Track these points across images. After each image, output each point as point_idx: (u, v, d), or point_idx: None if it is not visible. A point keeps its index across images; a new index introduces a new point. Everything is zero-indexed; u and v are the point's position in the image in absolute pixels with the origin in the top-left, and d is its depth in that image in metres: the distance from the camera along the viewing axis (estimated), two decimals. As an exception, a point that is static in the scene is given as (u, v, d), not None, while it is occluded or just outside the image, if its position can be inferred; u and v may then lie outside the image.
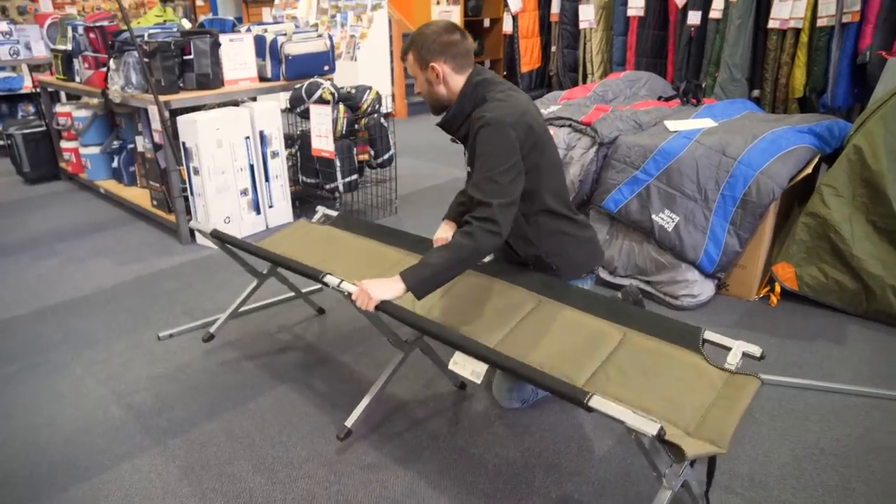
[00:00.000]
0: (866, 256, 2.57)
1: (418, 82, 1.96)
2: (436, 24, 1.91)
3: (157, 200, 3.90)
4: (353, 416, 2.01)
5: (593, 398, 1.31)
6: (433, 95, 1.94)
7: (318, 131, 3.53)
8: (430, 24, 1.91)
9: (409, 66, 1.93)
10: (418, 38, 1.88)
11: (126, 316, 2.83)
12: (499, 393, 2.16)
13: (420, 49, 1.88)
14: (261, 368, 2.40)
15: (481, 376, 1.56)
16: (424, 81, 1.94)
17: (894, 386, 2.21)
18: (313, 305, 2.81)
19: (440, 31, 1.88)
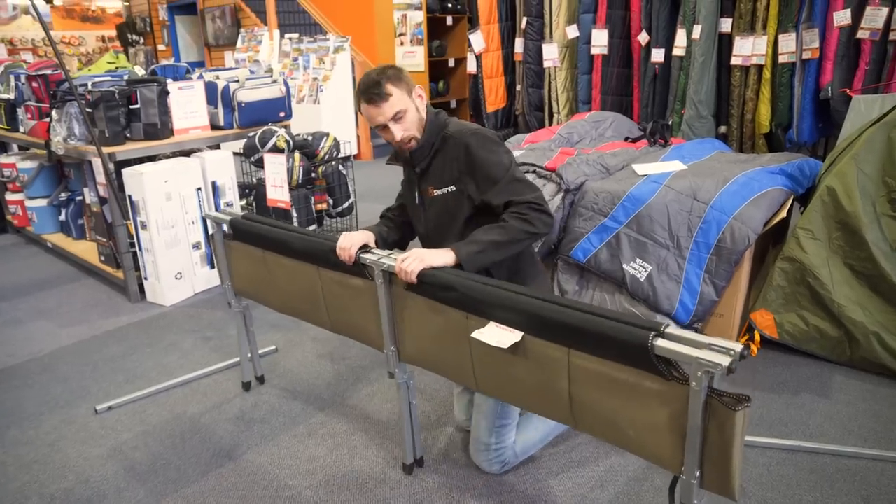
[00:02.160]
0: (847, 302, 2.46)
1: (408, 116, 1.81)
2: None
3: (105, 256, 3.68)
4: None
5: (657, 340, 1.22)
6: (418, 124, 1.84)
7: (272, 181, 3.37)
8: (377, 68, 1.86)
9: (394, 100, 1.77)
10: (390, 70, 1.79)
11: (61, 387, 2.59)
12: (476, 453, 1.98)
13: (401, 76, 1.80)
14: (201, 444, 2.18)
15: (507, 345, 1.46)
16: (415, 110, 1.83)
17: (885, 445, 2.08)
18: (257, 370, 2.59)
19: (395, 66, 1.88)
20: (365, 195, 5.42)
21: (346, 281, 1.90)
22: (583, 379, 1.40)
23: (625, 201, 2.63)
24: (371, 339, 1.94)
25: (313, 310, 2.07)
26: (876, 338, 2.42)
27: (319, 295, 2.01)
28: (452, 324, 1.63)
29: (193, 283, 3.50)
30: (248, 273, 2.25)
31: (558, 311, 1.37)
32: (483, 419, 1.92)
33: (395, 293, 1.78)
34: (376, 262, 1.74)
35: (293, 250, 1.99)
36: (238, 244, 2.22)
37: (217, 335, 2.99)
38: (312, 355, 2.77)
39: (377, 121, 1.78)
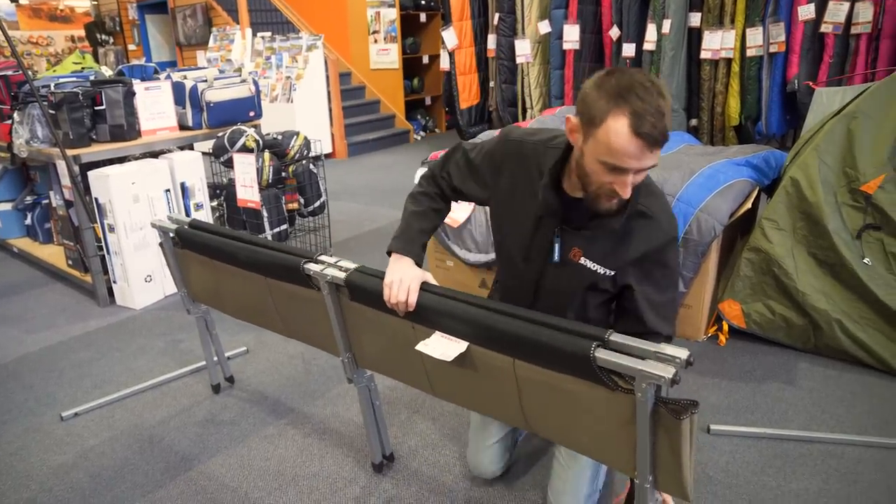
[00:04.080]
0: (810, 290, 2.50)
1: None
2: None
3: (72, 260, 3.62)
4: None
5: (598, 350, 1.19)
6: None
7: (242, 181, 3.34)
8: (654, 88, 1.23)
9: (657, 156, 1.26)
10: (663, 87, 1.25)
11: (26, 394, 2.55)
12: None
13: (669, 110, 1.26)
14: (169, 448, 2.16)
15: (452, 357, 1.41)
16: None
17: (847, 428, 2.12)
18: (224, 372, 2.56)
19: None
20: (339, 194, 5.40)
21: (295, 291, 1.79)
22: (530, 388, 1.37)
23: (592, 195, 2.64)
24: (327, 346, 1.87)
25: (267, 317, 2.01)
26: (838, 325, 2.46)
27: (270, 304, 1.93)
28: (400, 333, 1.57)
29: (164, 286, 3.46)
30: (201, 280, 2.18)
31: (501, 321, 1.32)
32: (572, 476, 1.67)
33: (343, 303, 1.68)
34: (320, 274, 1.63)
35: (239, 261, 1.88)
36: (188, 252, 2.14)
37: (188, 338, 2.96)
38: (283, 356, 2.75)
39: (631, 166, 1.24)
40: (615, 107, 1.20)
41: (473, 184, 1.60)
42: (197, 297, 2.30)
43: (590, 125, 1.25)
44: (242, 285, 1.97)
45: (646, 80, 1.21)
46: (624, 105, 1.19)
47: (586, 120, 1.26)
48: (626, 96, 1.19)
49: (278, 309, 1.93)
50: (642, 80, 1.21)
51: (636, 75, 1.22)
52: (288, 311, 1.90)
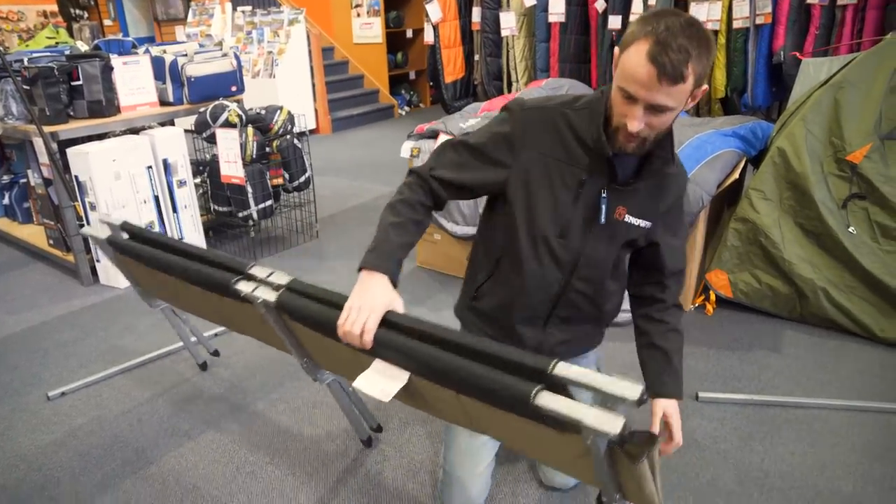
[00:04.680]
0: (796, 260, 2.52)
1: (670, 116, 1.25)
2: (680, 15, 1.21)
3: (54, 239, 3.56)
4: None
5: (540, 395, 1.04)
6: (667, 128, 1.31)
7: (226, 157, 3.29)
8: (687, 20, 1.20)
9: (683, 89, 1.20)
10: (703, 41, 1.18)
11: (11, 375, 2.52)
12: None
13: (709, 56, 1.21)
14: (159, 425, 2.15)
15: (390, 396, 1.24)
16: (679, 108, 1.26)
17: (831, 393, 2.15)
18: (207, 349, 2.55)
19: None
20: (324, 170, 5.34)
21: (239, 305, 1.60)
22: (481, 417, 1.27)
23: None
24: (286, 350, 1.72)
25: (225, 321, 1.89)
26: (824, 293, 2.49)
27: (222, 311, 1.79)
28: (345, 353, 1.42)
29: (148, 264, 3.42)
30: (152, 281, 2.00)
31: (437, 359, 1.18)
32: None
33: (285, 319, 1.52)
34: (251, 296, 1.45)
35: (175, 273, 1.71)
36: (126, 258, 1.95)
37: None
38: (272, 332, 2.74)
39: (640, 95, 1.20)
40: (645, 34, 1.17)
41: (483, 170, 1.42)
42: (152, 295, 2.17)
43: (621, 51, 1.23)
44: (190, 291, 1.80)
45: (689, 24, 1.18)
46: (653, 34, 1.16)
47: (622, 47, 1.23)
48: (658, 27, 1.17)
49: (232, 317, 1.79)
50: (686, 22, 1.18)
51: (684, 16, 1.19)
52: (240, 319, 1.76)
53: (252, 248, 3.65)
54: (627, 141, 1.28)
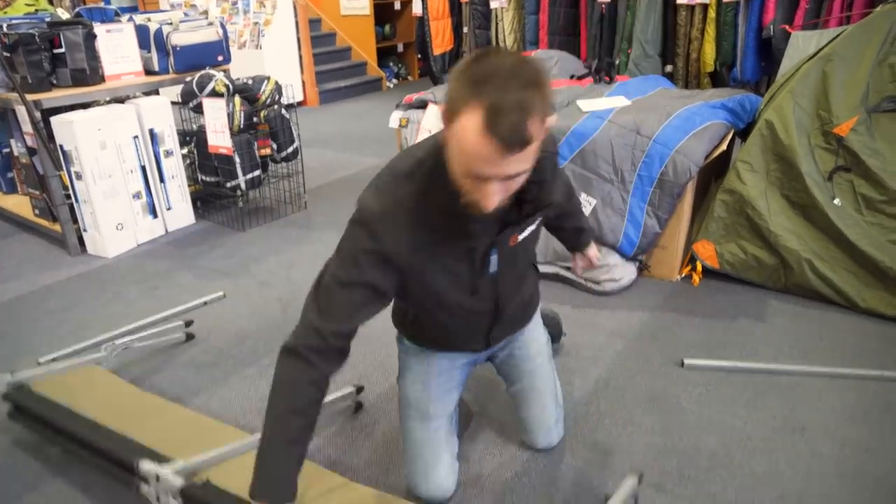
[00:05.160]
0: (782, 231, 2.56)
1: (524, 174, 1.11)
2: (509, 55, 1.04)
3: (39, 209, 3.53)
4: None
5: None
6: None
7: (213, 127, 3.26)
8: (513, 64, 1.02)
9: (531, 151, 1.05)
10: (538, 91, 1.02)
11: (1, 342, 2.51)
12: (548, 434, 1.79)
13: (547, 93, 1.05)
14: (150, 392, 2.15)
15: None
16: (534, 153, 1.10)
17: (813, 360, 2.20)
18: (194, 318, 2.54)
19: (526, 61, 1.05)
20: (312, 142, 5.31)
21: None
22: None
23: (569, 137, 2.64)
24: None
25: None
26: (808, 264, 2.52)
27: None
28: None
29: (136, 234, 3.40)
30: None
31: None
32: (549, 396, 1.77)
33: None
34: (165, 487, 1.43)
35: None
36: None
37: (163, 284, 2.93)
38: (260, 299, 2.74)
39: (489, 173, 1.06)
40: (471, 98, 0.99)
41: (376, 297, 1.26)
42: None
43: (448, 118, 1.04)
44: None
45: (518, 65, 1.00)
46: (480, 97, 0.98)
47: (446, 114, 1.05)
48: (484, 85, 0.98)
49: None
50: (512, 65, 1.00)
51: (507, 58, 1.01)
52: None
53: (240, 219, 3.63)
54: (489, 209, 1.13)
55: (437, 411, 1.61)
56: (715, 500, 1.65)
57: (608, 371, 2.18)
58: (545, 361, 1.76)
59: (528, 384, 1.75)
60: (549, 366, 1.78)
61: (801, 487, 1.68)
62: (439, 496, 1.62)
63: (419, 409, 1.61)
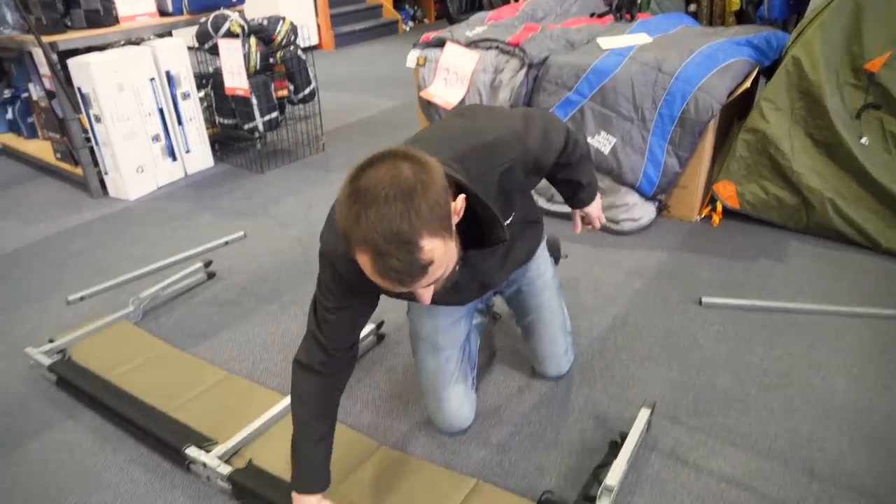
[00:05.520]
0: (805, 170, 2.51)
1: (447, 268, 1.08)
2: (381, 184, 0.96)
3: (61, 153, 3.56)
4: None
5: None
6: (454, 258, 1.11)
7: (229, 68, 3.24)
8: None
9: (436, 263, 1.01)
10: (422, 191, 0.96)
11: (31, 281, 2.58)
12: (557, 363, 1.84)
13: (434, 204, 0.98)
14: (176, 326, 2.21)
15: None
16: (454, 251, 1.09)
17: (832, 300, 2.19)
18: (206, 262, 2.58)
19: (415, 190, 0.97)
20: (328, 85, 5.26)
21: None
22: None
23: (589, 74, 2.59)
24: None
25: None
26: (831, 204, 2.49)
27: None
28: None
29: (156, 177, 3.43)
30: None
31: None
32: (557, 327, 1.80)
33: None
34: (212, 472, 1.57)
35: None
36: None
37: (184, 225, 2.97)
38: (281, 239, 2.78)
39: (403, 293, 1.12)
40: (352, 235, 0.97)
41: (360, 306, 1.32)
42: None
43: (343, 241, 1.01)
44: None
45: (392, 184, 0.94)
46: (360, 236, 0.96)
47: (339, 231, 1.00)
48: (359, 222, 0.94)
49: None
50: (386, 193, 0.94)
51: (379, 175, 0.95)
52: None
53: (258, 161, 3.64)
54: (427, 303, 1.12)
55: (445, 343, 1.64)
56: (729, 431, 1.68)
57: (626, 309, 2.20)
58: (552, 295, 1.78)
59: (537, 317, 1.78)
60: (556, 299, 1.80)
61: (815, 421, 1.70)
62: (456, 426, 1.67)
63: (428, 342, 1.64)
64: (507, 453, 1.64)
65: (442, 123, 1.45)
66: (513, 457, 1.63)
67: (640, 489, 1.52)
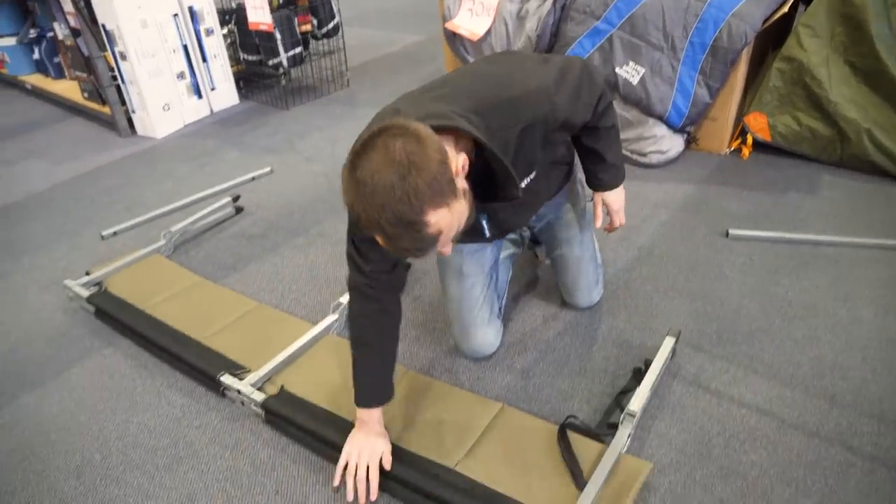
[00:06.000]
0: (842, 100, 2.44)
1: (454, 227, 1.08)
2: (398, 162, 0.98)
3: (88, 92, 3.59)
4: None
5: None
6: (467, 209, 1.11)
7: (252, 3, 3.20)
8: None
9: (444, 232, 1.05)
10: (416, 175, 0.98)
11: (65, 218, 2.65)
12: (588, 293, 1.85)
13: (434, 194, 1.00)
14: (206, 259, 2.27)
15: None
16: (464, 206, 1.09)
17: (862, 233, 2.16)
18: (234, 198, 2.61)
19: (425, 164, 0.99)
20: (352, 20, 5.17)
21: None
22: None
23: (618, 2, 2.51)
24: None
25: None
26: (868, 135, 2.42)
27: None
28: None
29: (183, 115, 3.45)
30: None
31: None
32: (588, 259, 1.80)
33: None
34: (246, 398, 1.62)
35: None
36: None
37: (212, 161, 3.00)
38: (307, 175, 2.80)
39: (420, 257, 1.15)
40: (361, 220, 1.02)
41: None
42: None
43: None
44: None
45: (386, 175, 0.97)
46: (367, 223, 1.02)
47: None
48: (364, 211, 1.00)
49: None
50: (383, 181, 0.97)
51: (377, 173, 0.97)
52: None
53: (283, 98, 3.63)
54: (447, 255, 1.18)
55: (470, 270, 1.66)
56: (752, 360, 1.69)
57: (652, 240, 2.19)
58: (584, 227, 1.78)
59: (567, 251, 1.79)
60: (587, 232, 1.80)
61: (839, 351, 1.70)
62: (481, 352, 1.71)
63: (454, 268, 1.67)
64: (532, 379, 1.68)
65: (470, 68, 1.42)
66: (537, 382, 1.67)
67: (661, 414, 1.55)
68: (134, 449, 1.55)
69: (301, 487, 1.43)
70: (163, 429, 1.60)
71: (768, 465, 1.40)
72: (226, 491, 1.43)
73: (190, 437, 1.57)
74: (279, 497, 1.41)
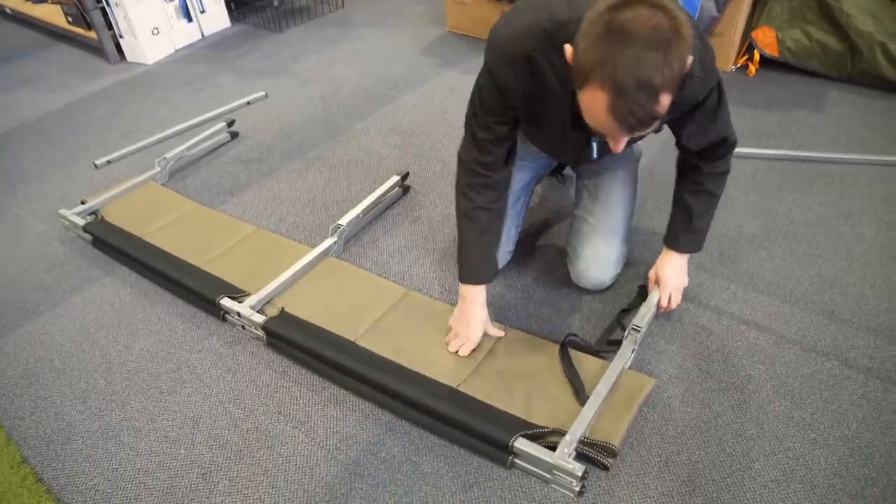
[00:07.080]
0: (856, 12, 2.35)
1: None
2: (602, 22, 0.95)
3: (72, 16, 3.46)
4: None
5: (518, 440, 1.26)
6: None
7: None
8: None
9: (658, 118, 1.01)
10: (675, 39, 0.94)
11: (58, 147, 2.60)
12: (606, 271, 1.62)
13: (681, 56, 0.96)
14: (203, 185, 2.24)
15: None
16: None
17: (869, 150, 2.12)
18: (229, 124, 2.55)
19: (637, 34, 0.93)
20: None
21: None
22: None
23: None
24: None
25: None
26: (881, 48, 2.35)
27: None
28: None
29: (173, 39, 3.34)
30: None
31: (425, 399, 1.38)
32: (613, 235, 1.62)
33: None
34: (247, 321, 1.63)
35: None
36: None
37: (206, 86, 2.93)
38: (302, 98, 2.74)
39: (610, 133, 1.08)
40: (597, 70, 0.95)
41: (504, 116, 1.33)
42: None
43: (577, 75, 1.00)
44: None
45: (652, 32, 0.91)
46: (606, 73, 0.94)
47: (575, 76, 1.01)
48: (612, 59, 0.93)
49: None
50: (648, 38, 0.91)
51: (641, 19, 0.91)
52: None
53: (276, 20, 3.51)
54: (615, 151, 1.14)
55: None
56: (752, 277, 1.69)
57: (652, 160, 2.16)
58: (622, 189, 1.63)
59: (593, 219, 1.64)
60: (630, 187, 1.66)
61: (839, 267, 1.70)
62: None
63: None
64: (533, 297, 1.68)
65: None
66: (537, 301, 1.67)
67: (661, 330, 1.56)
68: (137, 374, 1.57)
69: (304, 407, 1.45)
70: (165, 354, 1.62)
71: (765, 379, 1.42)
72: (229, 412, 1.46)
73: (192, 362, 1.59)
74: (282, 417, 1.43)
